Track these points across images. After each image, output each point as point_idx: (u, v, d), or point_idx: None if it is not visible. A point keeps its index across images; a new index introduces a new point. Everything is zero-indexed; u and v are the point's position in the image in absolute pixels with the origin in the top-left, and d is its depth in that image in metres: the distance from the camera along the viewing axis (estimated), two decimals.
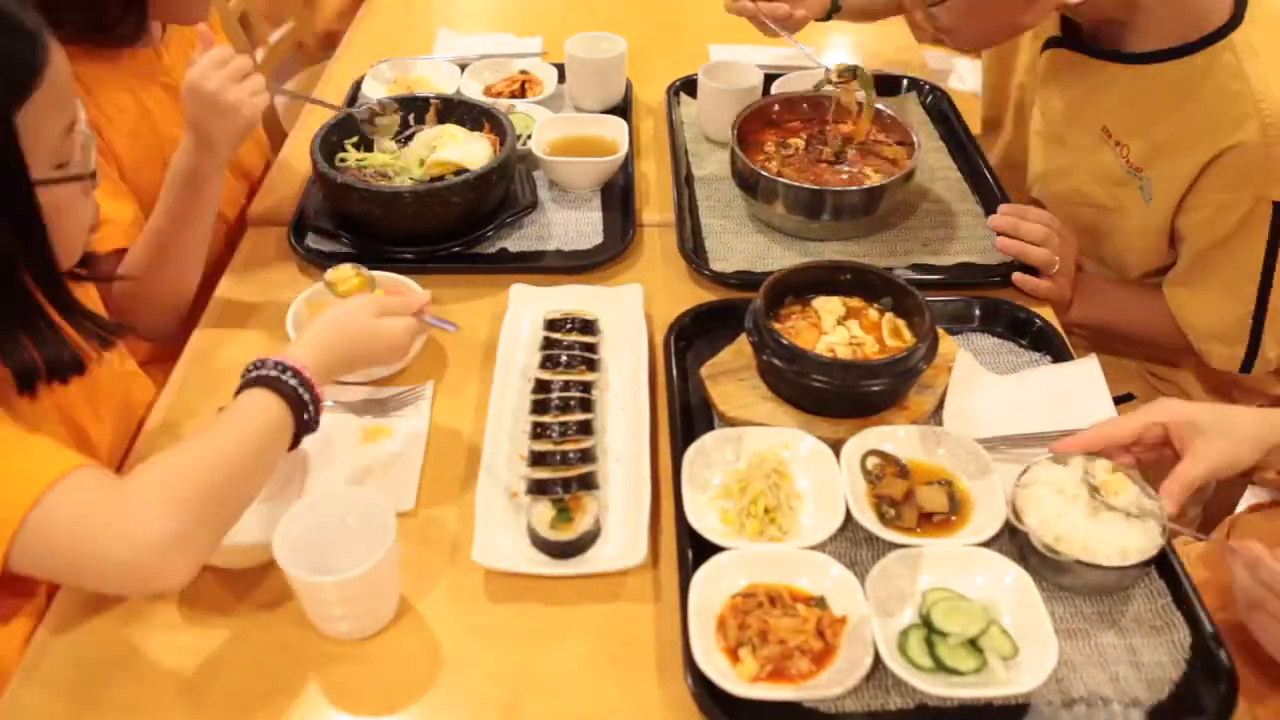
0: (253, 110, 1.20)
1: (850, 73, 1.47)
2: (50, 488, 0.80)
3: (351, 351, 1.01)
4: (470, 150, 1.40)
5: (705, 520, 0.99)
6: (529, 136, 1.53)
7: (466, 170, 1.36)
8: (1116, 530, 0.94)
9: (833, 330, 1.15)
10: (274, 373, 0.91)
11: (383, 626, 0.94)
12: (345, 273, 1.18)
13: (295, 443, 0.93)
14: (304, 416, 0.92)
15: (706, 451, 1.05)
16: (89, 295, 1.10)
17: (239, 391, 0.92)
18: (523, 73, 1.77)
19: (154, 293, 1.25)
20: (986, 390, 1.15)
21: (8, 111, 0.81)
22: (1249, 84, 1.16)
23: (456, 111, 1.50)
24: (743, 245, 1.40)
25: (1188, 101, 1.22)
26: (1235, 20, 1.19)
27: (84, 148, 0.91)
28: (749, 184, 1.40)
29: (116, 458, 1.11)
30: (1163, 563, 0.97)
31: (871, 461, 1.05)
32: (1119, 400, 1.34)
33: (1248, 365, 1.32)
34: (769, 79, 1.66)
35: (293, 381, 0.91)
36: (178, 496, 0.82)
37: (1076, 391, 1.14)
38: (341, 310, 1.02)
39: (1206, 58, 1.20)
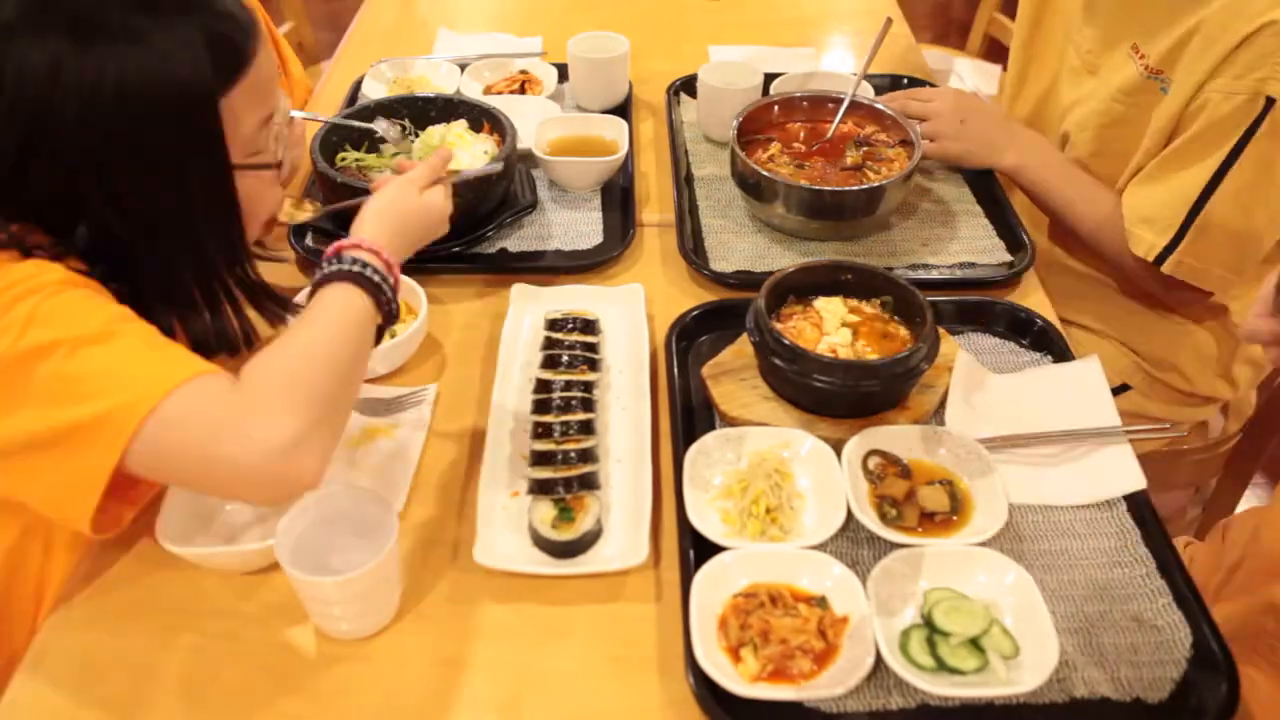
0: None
1: None
2: (174, 391, 0.79)
3: (412, 230, 1.03)
4: (474, 154, 1.40)
5: (706, 520, 0.99)
6: None
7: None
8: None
9: (834, 330, 1.15)
10: (356, 268, 0.91)
11: (384, 626, 0.94)
12: (288, 209, 1.23)
13: (379, 337, 0.94)
14: (389, 307, 0.93)
15: (708, 451, 1.05)
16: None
17: (319, 284, 0.92)
18: (523, 72, 1.77)
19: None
20: (988, 389, 1.15)
21: (215, 93, 0.86)
22: None
23: (458, 111, 1.50)
24: (743, 245, 1.40)
25: None
26: None
27: (278, 138, 0.97)
28: (749, 184, 1.40)
29: None
30: (1163, 562, 0.97)
31: (873, 461, 1.05)
32: (1116, 391, 1.35)
33: (1162, 258, 1.29)
34: (769, 79, 1.66)
35: (375, 278, 0.92)
36: (297, 397, 0.81)
37: (1078, 390, 1.14)
38: (392, 193, 1.03)
39: None
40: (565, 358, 1.14)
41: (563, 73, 1.75)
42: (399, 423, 1.13)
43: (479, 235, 1.38)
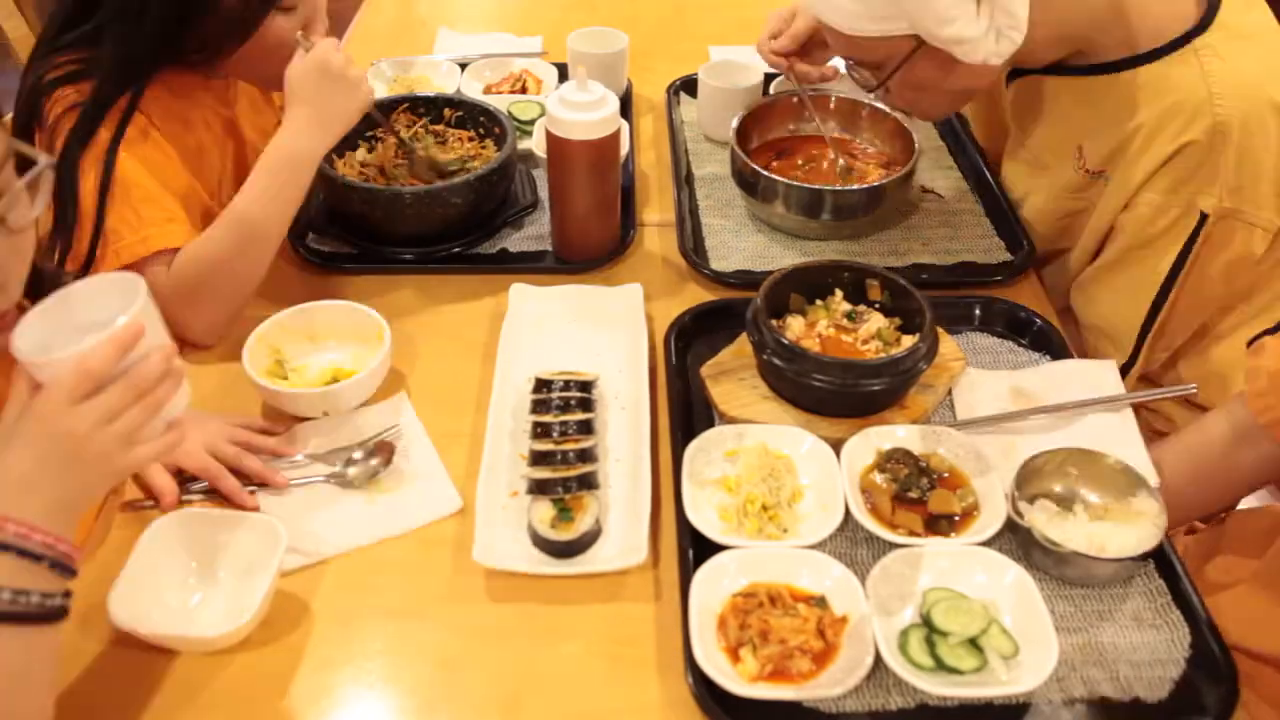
0: (370, 91, 1.24)
1: None
2: None
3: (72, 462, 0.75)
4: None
5: (704, 517, 0.99)
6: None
7: (466, 170, 1.36)
8: (1117, 528, 0.95)
9: (833, 330, 1.15)
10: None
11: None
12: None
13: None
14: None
15: (707, 450, 1.05)
16: None
17: None
18: (523, 71, 1.77)
19: (224, 283, 1.20)
20: (999, 382, 1.16)
21: None
22: (1209, 85, 1.14)
23: (458, 111, 1.50)
24: (743, 245, 1.40)
25: (1152, 102, 1.19)
26: (1201, 26, 1.17)
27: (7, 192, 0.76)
28: (749, 184, 1.40)
29: None
30: (1162, 561, 0.97)
31: (898, 469, 1.04)
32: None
33: (1124, 370, 1.28)
34: (769, 79, 1.66)
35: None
36: None
37: (1088, 382, 1.15)
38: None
39: (1170, 62, 1.18)
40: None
41: (563, 72, 1.75)
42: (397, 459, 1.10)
43: (479, 235, 1.39)
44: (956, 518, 1.00)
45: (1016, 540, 0.98)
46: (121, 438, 0.77)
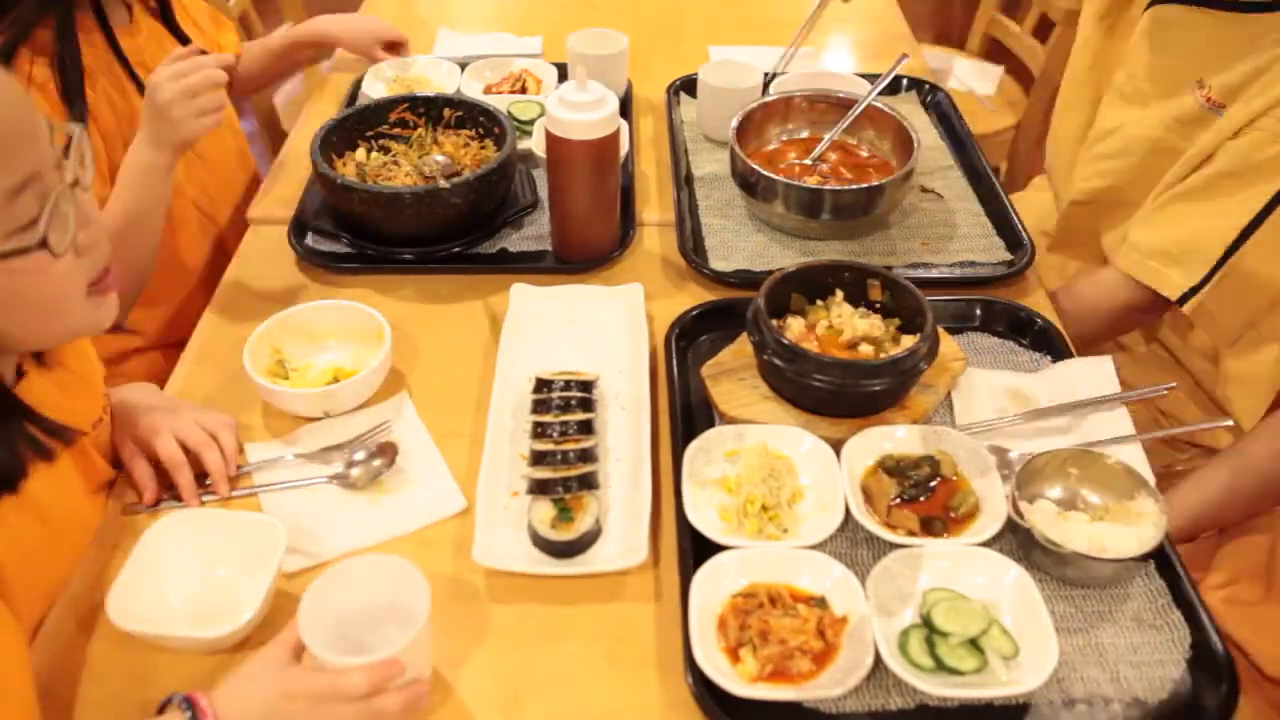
0: (192, 132, 1.23)
1: None
2: None
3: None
4: None
5: (704, 517, 0.99)
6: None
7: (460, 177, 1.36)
8: (1117, 528, 0.95)
9: (833, 330, 1.15)
10: None
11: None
12: None
13: None
14: None
15: (707, 450, 1.05)
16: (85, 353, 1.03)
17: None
18: (523, 71, 1.77)
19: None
20: (997, 384, 1.16)
21: None
22: None
23: (458, 111, 1.50)
24: (743, 245, 1.40)
25: None
26: None
27: (57, 206, 0.78)
28: (749, 184, 1.40)
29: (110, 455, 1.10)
30: (1163, 562, 0.97)
31: (898, 469, 1.04)
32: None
33: (1185, 298, 1.27)
34: (769, 79, 1.66)
35: None
36: None
37: (1088, 382, 1.15)
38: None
39: None
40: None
41: (563, 72, 1.75)
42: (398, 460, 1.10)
43: (479, 235, 1.39)
44: (957, 518, 1.00)
45: (1017, 540, 0.98)
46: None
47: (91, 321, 0.88)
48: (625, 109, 1.68)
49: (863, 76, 1.66)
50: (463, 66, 1.76)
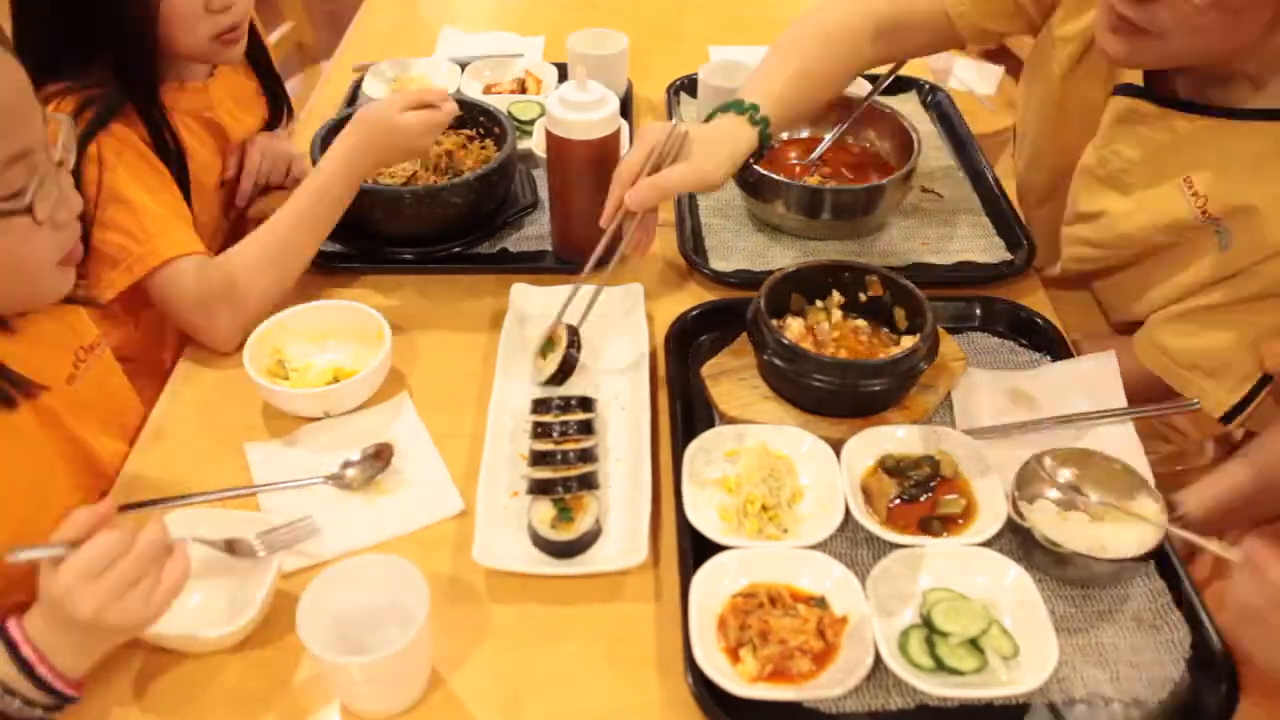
0: (424, 149, 1.29)
1: None
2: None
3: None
4: None
5: (704, 517, 0.99)
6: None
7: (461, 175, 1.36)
8: (1117, 528, 0.95)
9: (833, 330, 1.15)
10: None
11: (414, 704, 0.89)
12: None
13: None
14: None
15: (707, 450, 1.05)
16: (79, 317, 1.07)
17: None
18: (524, 71, 1.77)
19: (250, 296, 1.21)
20: (997, 384, 1.16)
21: None
22: None
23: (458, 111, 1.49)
24: (743, 245, 1.40)
25: None
26: None
27: (42, 180, 0.84)
28: (749, 184, 1.40)
29: (118, 463, 1.10)
30: (1163, 562, 0.97)
31: (898, 469, 1.04)
32: None
33: (1230, 416, 1.19)
34: None
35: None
36: None
37: (1087, 383, 1.14)
38: None
39: None
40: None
41: (563, 72, 1.75)
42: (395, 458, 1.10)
43: (479, 235, 1.39)
44: (957, 518, 1.00)
45: (1017, 540, 0.98)
46: None
47: (55, 289, 0.95)
48: (625, 109, 1.68)
49: (863, 77, 1.65)
50: (463, 66, 1.76)
